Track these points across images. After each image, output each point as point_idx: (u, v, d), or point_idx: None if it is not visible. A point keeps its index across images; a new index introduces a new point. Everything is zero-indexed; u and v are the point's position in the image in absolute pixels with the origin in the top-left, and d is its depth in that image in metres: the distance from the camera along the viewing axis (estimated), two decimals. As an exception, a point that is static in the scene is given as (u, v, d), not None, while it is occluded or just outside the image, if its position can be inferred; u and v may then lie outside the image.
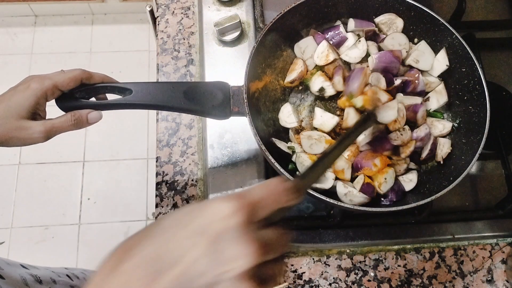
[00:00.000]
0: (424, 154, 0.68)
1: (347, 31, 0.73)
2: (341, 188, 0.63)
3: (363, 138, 0.66)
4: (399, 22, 0.73)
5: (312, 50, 0.73)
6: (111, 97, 0.62)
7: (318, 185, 0.64)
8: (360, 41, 0.71)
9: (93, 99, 0.62)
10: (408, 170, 0.68)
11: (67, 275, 0.84)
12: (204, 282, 0.29)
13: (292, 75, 0.72)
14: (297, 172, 0.65)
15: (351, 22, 0.73)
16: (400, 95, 0.69)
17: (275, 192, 0.32)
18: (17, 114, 0.54)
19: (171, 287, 0.28)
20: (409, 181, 0.66)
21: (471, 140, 0.65)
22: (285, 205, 0.33)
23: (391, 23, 0.73)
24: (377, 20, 0.73)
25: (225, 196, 0.31)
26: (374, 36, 0.73)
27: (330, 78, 0.71)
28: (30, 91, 0.54)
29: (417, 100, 0.70)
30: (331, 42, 0.72)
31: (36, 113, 0.56)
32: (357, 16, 0.75)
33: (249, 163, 0.73)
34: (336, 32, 0.73)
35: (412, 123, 0.69)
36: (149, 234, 0.31)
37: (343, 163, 0.65)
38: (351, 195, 0.63)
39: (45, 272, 0.78)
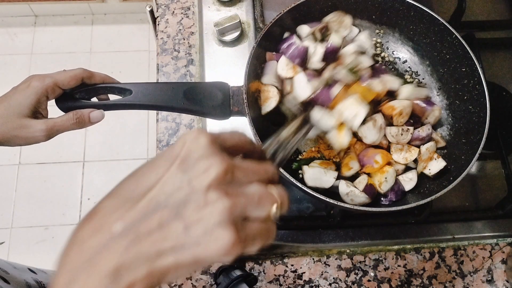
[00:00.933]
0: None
1: (302, 39, 0.71)
2: (343, 187, 0.63)
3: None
4: (347, 19, 0.72)
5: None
6: (111, 97, 0.62)
7: (318, 185, 0.64)
8: (315, 46, 0.69)
9: (95, 99, 0.62)
10: (407, 169, 0.68)
11: None
12: (175, 200, 0.29)
13: (269, 104, 0.67)
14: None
15: (304, 28, 0.71)
16: (409, 87, 0.69)
17: (236, 134, 0.34)
18: (19, 112, 0.54)
19: (142, 211, 0.29)
20: (409, 180, 0.66)
21: (471, 140, 0.65)
22: (239, 144, 0.34)
23: (340, 21, 0.72)
24: (326, 19, 0.72)
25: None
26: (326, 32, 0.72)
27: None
28: (31, 89, 0.54)
29: (423, 92, 0.70)
30: (291, 57, 0.68)
31: (38, 112, 0.56)
32: (357, 16, 0.75)
33: (249, 163, 0.73)
34: (290, 43, 0.69)
35: (417, 117, 0.69)
36: (125, 177, 0.32)
37: (354, 162, 0.65)
38: (352, 194, 0.63)
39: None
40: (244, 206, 0.29)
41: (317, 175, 0.64)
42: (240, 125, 0.74)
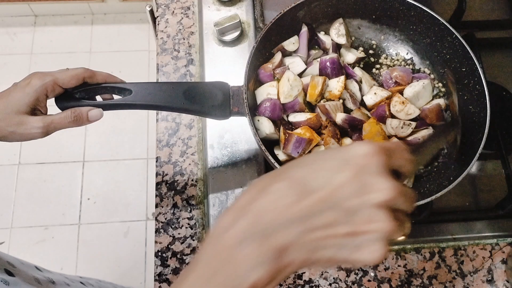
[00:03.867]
0: None
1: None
2: None
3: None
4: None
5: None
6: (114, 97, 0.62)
7: None
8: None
9: (99, 98, 0.62)
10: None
11: (81, 282, 0.85)
12: (347, 207, 0.31)
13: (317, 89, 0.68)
14: None
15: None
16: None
17: (400, 147, 0.36)
18: (17, 109, 0.54)
19: (316, 207, 0.32)
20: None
21: (471, 140, 0.65)
22: (405, 164, 0.35)
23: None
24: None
25: (364, 141, 0.35)
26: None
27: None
28: (30, 87, 0.54)
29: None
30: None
31: (36, 109, 0.56)
32: (357, 16, 0.75)
33: (249, 163, 0.73)
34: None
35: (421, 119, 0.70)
36: (294, 165, 0.34)
37: None
38: None
39: (59, 277, 0.79)
40: (396, 232, 0.32)
41: None
42: (240, 125, 0.74)
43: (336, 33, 0.74)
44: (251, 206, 0.33)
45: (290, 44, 0.72)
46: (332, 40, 0.74)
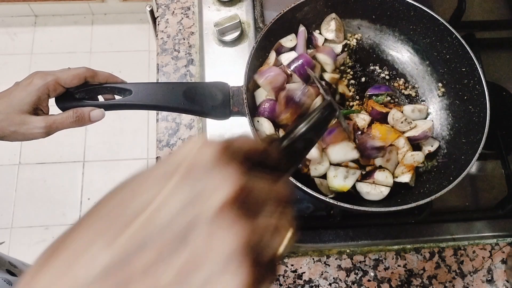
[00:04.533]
0: None
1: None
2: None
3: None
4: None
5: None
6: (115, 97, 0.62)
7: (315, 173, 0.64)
8: None
9: (101, 98, 0.62)
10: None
11: None
12: (180, 225, 0.22)
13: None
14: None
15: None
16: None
17: (244, 136, 0.28)
18: (19, 109, 0.54)
19: (134, 241, 0.22)
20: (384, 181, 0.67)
21: (471, 140, 0.65)
22: (259, 157, 0.28)
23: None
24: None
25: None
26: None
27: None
28: (32, 86, 0.54)
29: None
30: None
31: (38, 109, 0.56)
32: (357, 16, 0.75)
33: (249, 163, 0.73)
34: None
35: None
36: (112, 191, 0.25)
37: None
38: (371, 194, 0.64)
39: None
40: (261, 234, 0.23)
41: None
42: (240, 125, 0.74)
43: (326, 28, 0.74)
44: (54, 258, 0.24)
45: (287, 41, 0.72)
46: (325, 38, 0.74)
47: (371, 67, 0.76)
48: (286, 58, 0.71)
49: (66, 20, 2.05)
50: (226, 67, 0.80)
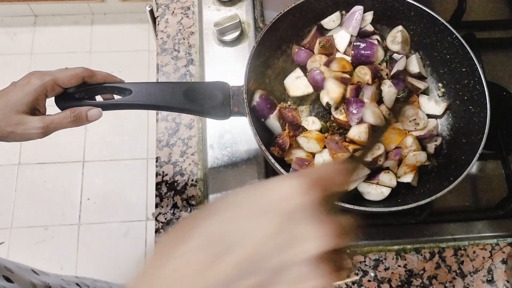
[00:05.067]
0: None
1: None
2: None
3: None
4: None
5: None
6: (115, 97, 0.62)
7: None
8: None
9: (100, 98, 0.62)
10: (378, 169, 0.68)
11: (77, 284, 0.84)
12: (271, 267, 0.26)
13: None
14: None
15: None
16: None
17: (332, 171, 0.29)
18: (16, 109, 0.53)
19: (233, 272, 0.25)
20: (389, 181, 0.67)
21: (471, 140, 0.65)
22: (340, 188, 0.30)
23: None
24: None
25: (289, 174, 0.29)
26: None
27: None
28: (30, 86, 0.54)
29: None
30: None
31: (36, 109, 0.56)
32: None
33: (249, 163, 0.73)
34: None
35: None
36: (209, 214, 0.28)
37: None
38: (371, 194, 0.64)
39: (55, 279, 0.78)
40: (336, 281, 0.27)
41: None
42: (240, 125, 0.74)
43: (392, 40, 0.73)
44: (159, 272, 0.27)
45: (330, 21, 0.69)
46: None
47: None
48: (339, 37, 0.71)
49: (66, 20, 2.05)
50: (226, 67, 0.80)
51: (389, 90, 0.68)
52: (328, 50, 0.71)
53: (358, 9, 0.72)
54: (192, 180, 0.74)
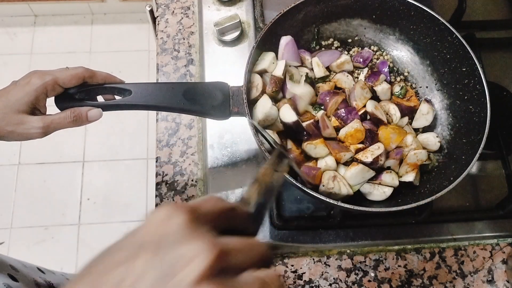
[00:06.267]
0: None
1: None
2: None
3: None
4: None
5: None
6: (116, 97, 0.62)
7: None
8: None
9: (100, 98, 0.61)
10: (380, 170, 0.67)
11: None
12: None
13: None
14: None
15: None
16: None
17: (214, 201, 0.28)
18: (16, 108, 0.53)
19: None
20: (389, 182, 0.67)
21: (471, 140, 0.65)
22: (229, 219, 0.28)
23: None
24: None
25: (162, 204, 0.27)
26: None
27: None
28: (30, 86, 0.54)
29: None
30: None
31: (36, 109, 0.56)
32: (358, 16, 0.75)
33: (249, 163, 0.73)
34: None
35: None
36: (80, 275, 0.25)
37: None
38: (373, 194, 0.64)
39: (61, 278, 0.78)
40: None
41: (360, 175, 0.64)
42: (240, 125, 0.74)
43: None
44: None
45: (270, 64, 0.67)
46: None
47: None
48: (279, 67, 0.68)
49: (65, 20, 2.04)
50: (226, 67, 0.80)
51: (382, 88, 0.71)
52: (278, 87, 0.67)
53: (286, 40, 0.70)
54: (192, 180, 0.73)
